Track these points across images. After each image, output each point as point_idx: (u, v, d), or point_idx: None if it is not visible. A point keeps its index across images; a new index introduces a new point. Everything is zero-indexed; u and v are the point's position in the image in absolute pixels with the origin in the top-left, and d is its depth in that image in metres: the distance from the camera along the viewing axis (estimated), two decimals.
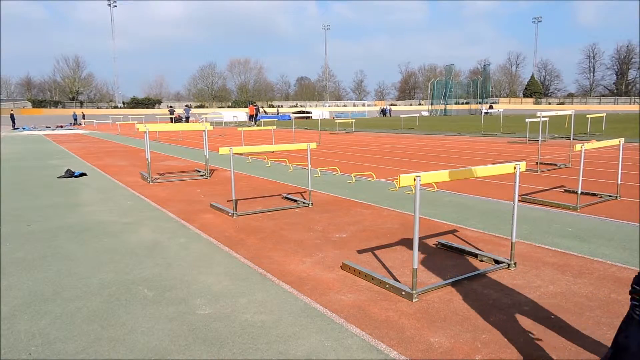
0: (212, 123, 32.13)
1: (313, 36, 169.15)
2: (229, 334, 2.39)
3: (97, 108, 77.46)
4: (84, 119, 48.95)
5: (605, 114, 17.13)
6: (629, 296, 1.59)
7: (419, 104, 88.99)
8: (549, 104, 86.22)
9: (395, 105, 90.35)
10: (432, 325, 2.45)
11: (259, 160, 10.64)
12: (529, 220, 4.62)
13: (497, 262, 3.35)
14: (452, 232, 4.26)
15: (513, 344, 2.25)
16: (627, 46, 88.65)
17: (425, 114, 58.78)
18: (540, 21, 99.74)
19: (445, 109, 58.88)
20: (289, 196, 6.02)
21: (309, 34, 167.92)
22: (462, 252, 3.64)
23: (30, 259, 3.67)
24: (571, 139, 10.28)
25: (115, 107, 79.44)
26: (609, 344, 2.23)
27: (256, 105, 41.79)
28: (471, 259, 3.50)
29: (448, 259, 3.52)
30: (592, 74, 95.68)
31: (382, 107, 68.96)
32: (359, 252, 3.72)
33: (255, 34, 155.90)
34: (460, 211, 5.08)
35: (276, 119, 33.96)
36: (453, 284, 3.01)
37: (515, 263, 3.29)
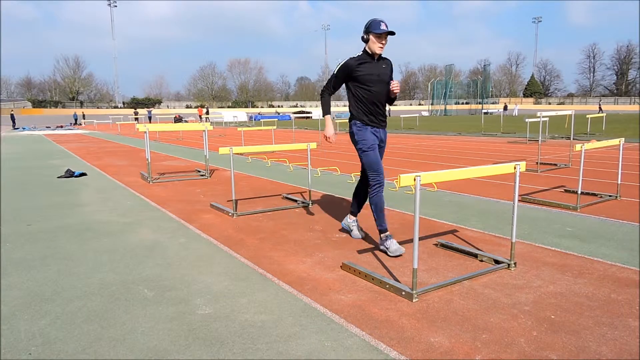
0: (212, 123, 32.17)
1: (309, 36, 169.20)
2: (229, 334, 2.39)
3: (97, 108, 77.50)
4: (84, 119, 48.97)
5: (605, 114, 17.13)
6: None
7: (419, 104, 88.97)
8: (549, 104, 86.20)
9: (395, 105, 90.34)
10: (432, 325, 2.45)
11: (259, 160, 10.63)
12: (529, 220, 4.62)
13: (497, 262, 3.35)
14: (452, 232, 4.26)
15: (513, 344, 2.25)
16: (627, 46, 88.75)
17: (425, 114, 58.76)
18: (540, 21, 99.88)
19: (445, 109, 58.87)
20: (289, 196, 6.02)
21: (304, 33, 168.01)
22: (462, 252, 3.64)
23: (30, 259, 3.67)
24: (571, 139, 10.29)
25: (116, 107, 79.48)
26: (609, 344, 2.23)
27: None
28: (471, 259, 3.50)
29: (448, 259, 3.52)
30: (592, 74, 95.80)
31: None
32: (359, 252, 3.72)
33: (252, 34, 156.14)
34: (460, 211, 5.08)
35: (276, 119, 33.98)
36: (453, 284, 3.01)
37: (515, 263, 3.28)
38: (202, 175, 8.27)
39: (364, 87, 3.67)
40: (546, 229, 4.31)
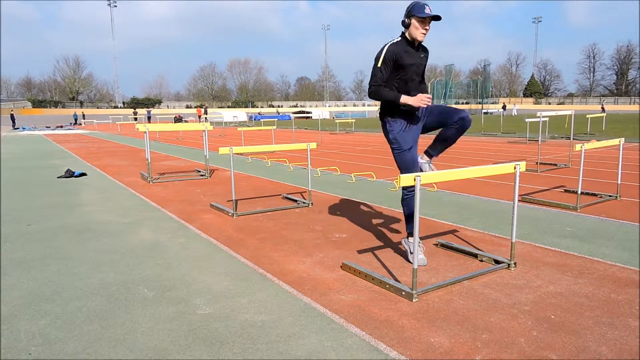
0: (212, 123, 32.19)
1: (308, 36, 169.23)
2: (229, 334, 2.40)
3: (97, 108, 77.52)
4: (84, 118, 48.97)
5: (605, 114, 17.13)
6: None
7: None
8: (549, 104, 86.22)
9: None
10: (432, 325, 2.45)
11: (259, 160, 10.64)
12: (529, 220, 4.62)
13: (497, 262, 3.35)
14: (452, 232, 4.26)
15: (513, 344, 2.25)
16: (627, 46, 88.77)
17: None
18: (540, 21, 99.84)
19: None
20: (289, 196, 6.02)
21: (304, 34, 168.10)
22: (462, 252, 3.64)
23: (30, 259, 3.67)
24: (571, 139, 10.28)
25: (115, 107, 79.48)
26: (609, 344, 2.23)
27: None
28: (471, 259, 3.50)
29: (448, 259, 3.51)
30: (592, 74, 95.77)
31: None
32: (359, 252, 3.72)
33: (252, 34, 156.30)
34: (460, 211, 5.08)
35: (276, 119, 33.98)
36: (453, 284, 3.01)
37: (515, 263, 3.28)
38: (202, 175, 8.27)
39: (402, 78, 3.27)
40: (546, 229, 4.31)
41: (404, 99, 3.22)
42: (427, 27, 3.21)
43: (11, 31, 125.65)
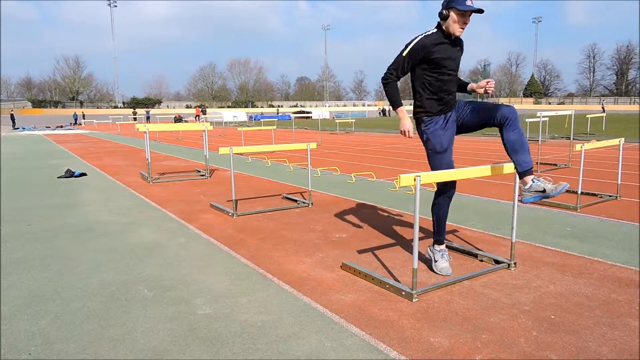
0: (212, 123, 32.20)
1: (308, 36, 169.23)
2: (229, 334, 2.40)
3: (97, 108, 77.53)
4: (84, 118, 48.97)
5: (605, 114, 17.13)
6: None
7: None
8: (549, 103, 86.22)
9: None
10: (432, 325, 2.45)
11: (259, 160, 10.64)
12: (529, 220, 4.62)
13: (497, 262, 3.35)
14: (452, 232, 4.26)
15: (513, 344, 2.25)
16: (627, 46, 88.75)
17: None
18: (540, 21, 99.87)
19: None
20: (289, 196, 6.02)
21: (304, 34, 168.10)
22: (462, 252, 3.64)
23: (30, 259, 3.67)
24: (571, 139, 10.28)
25: (115, 107, 79.48)
26: (609, 344, 2.23)
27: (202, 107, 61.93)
28: (471, 259, 3.50)
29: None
30: (592, 74, 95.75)
31: (382, 107, 68.95)
32: (359, 252, 3.72)
33: (252, 34, 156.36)
34: (460, 211, 5.08)
35: (276, 119, 33.97)
36: (453, 284, 3.01)
37: (515, 263, 3.28)
38: (202, 175, 8.27)
39: (438, 72, 3.02)
40: (546, 229, 4.31)
41: (402, 113, 3.06)
42: (467, 21, 2.92)
43: (11, 31, 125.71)
